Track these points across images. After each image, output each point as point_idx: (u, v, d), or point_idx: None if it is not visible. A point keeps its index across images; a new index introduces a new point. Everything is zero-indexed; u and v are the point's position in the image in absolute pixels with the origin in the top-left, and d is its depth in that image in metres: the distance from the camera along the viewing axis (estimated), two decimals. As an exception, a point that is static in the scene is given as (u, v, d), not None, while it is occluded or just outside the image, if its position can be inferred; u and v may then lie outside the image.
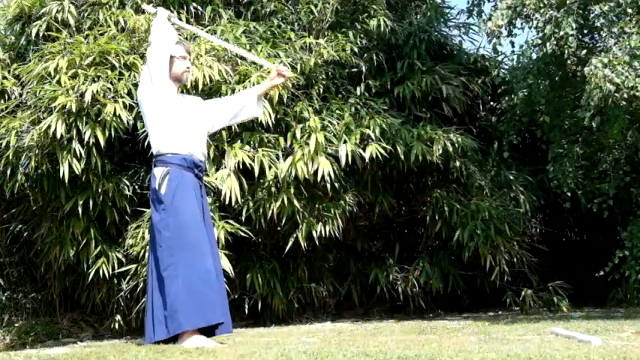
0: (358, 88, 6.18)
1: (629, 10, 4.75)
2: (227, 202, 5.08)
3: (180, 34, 4.21)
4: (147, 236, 5.05)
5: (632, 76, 4.60)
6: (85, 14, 5.84)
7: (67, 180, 5.02)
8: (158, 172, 3.69)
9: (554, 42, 4.99)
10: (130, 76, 5.34)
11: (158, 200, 3.65)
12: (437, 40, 6.79)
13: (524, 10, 5.06)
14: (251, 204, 5.39)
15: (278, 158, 5.48)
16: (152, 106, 3.73)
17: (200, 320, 3.54)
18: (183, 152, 3.73)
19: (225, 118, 4.06)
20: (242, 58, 5.39)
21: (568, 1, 4.96)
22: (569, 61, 5.12)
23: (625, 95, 4.66)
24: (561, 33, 4.93)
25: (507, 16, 5.12)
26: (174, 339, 3.58)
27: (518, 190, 6.40)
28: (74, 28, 5.78)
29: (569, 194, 5.82)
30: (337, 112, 5.86)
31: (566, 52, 4.95)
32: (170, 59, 3.81)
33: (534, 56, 5.95)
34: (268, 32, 5.98)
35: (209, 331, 3.63)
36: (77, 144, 5.05)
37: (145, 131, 5.28)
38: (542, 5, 5.02)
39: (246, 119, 4.37)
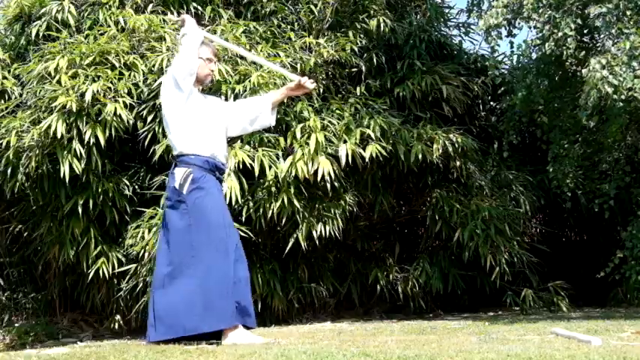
0: (358, 88, 6.18)
1: (628, 12, 4.74)
2: (227, 202, 5.07)
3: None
4: (147, 236, 5.05)
5: (630, 77, 4.60)
6: (85, 14, 5.85)
7: (67, 180, 5.02)
8: (179, 172, 3.68)
9: (553, 43, 4.98)
10: (130, 75, 5.34)
11: (179, 200, 3.64)
12: (437, 40, 6.79)
13: (523, 9, 5.05)
14: (251, 204, 5.39)
15: (278, 158, 5.48)
16: (176, 108, 3.72)
17: (222, 323, 3.56)
18: (206, 154, 3.74)
19: (239, 127, 4.03)
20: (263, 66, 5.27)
21: (567, 2, 4.95)
22: (568, 62, 5.12)
23: (623, 97, 4.65)
24: (560, 34, 4.93)
25: (502, 15, 5.11)
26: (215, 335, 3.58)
27: (518, 190, 6.40)
28: (74, 28, 5.78)
29: (569, 194, 5.82)
30: (337, 111, 5.86)
31: (565, 53, 4.95)
32: None
33: (534, 56, 5.96)
34: (268, 32, 5.98)
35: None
36: (77, 144, 5.05)
37: (145, 131, 5.29)
38: (540, 5, 5.01)
39: (260, 128, 4.36)
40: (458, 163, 6.20)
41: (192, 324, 3.54)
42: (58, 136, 4.96)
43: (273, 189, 5.42)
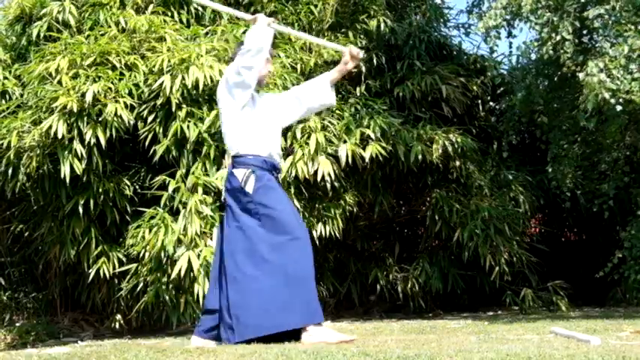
0: (358, 89, 6.19)
1: (624, 14, 4.75)
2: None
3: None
4: (147, 236, 5.06)
5: (627, 79, 4.60)
6: (86, 15, 5.86)
7: (67, 180, 5.03)
8: (240, 172, 3.67)
9: (551, 47, 4.98)
10: (130, 76, 5.35)
11: (248, 200, 3.63)
12: (436, 40, 6.80)
13: (522, 10, 5.06)
14: (251, 204, 5.40)
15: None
16: (234, 108, 3.71)
17: (305, 319, 3.54)
18: (264, 154, 3.75)
19: (301, 111, 4.03)
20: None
21: (565, 4, 4.95)
22: (567, 63, 5.13)
23: (621, 100, 4.66)
24: (558, 37, 4.93)
25: (501, 16, 5.12)
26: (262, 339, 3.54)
27: (517, 190, 6.41)
28: (75, 29, 5.79)
29: (568, 194, 5.83)
30: (337, 112, 5.88)
31: (562, 57, 4.96)
32: None
33: (533, 57, 5.96)
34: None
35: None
36: (78, 144, 5.06)
37: (145, 132, 5.30)
38: (538, 7, 5.01)
39: (321, 109, 4.33)
40: (457, 163, 6.21)
41: (273, 322, 3.51)
42: (59, 136, 4.97)
43: (274, 189, 5.42)
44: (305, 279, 3.59)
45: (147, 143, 5.31)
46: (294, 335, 3.55)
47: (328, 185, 5.51)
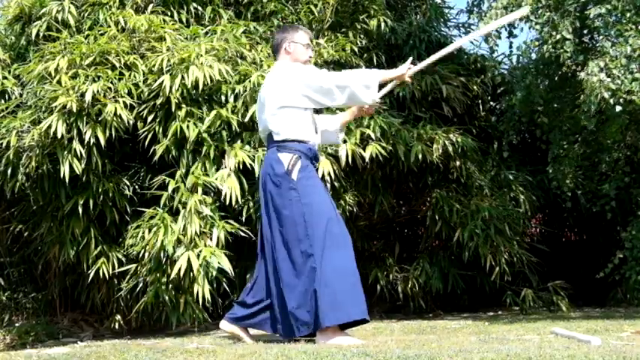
0: (358, 88, 6.17)
1: (627, 14, 4.74)
2: (227, 202, 5.08)
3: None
4: (147, 236, 5.05)
5: (628, 79, 4.60)
6: (85, 14, 5.85)
7: (67, 180, 5.03)
8: (285, 157, 3.65)
9: (551, 46, 4.98)
10: (130, 75, 5.34)
11: (290, 187, 3.61)
12: (437, 40, 6.80)
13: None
14: (251, 204, 5.39)
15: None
16: (289, 97, 3.70)
17: (356, 313, 3.56)
18: (310, 142, 3.74)
19: None
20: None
21: (566, 3, 4.95)
22: (567, 62, 5.13)
23: (621, 100, 4.66)
24: (558, 37, 4.93)
25: (502, 16, 5.12)
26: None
27: (518, 190, 6.40)
28: (74, 29, 5.78)
29: (568, 194, 5.83)
30: (337, 111, 5.86)
31: (562, 56, 4.95)
32: (294, 45, 3.85)
33: (533, 56, 5.96)
34: (268, 32, 5.99)
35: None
36: (77, 144, 5.05)
37: (145, 131, 5.29)
38: (539, 6, 5.01)
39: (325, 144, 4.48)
40: (458, 163, 6.21)
41: (317, 319, 3.52)
42: (59, 136, 4.97)
43: (274, 189, 5.40)
44: (347, 275, 3.57)
45: (146, 143, 5.30)
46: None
47: (328, 185, 5.50)
